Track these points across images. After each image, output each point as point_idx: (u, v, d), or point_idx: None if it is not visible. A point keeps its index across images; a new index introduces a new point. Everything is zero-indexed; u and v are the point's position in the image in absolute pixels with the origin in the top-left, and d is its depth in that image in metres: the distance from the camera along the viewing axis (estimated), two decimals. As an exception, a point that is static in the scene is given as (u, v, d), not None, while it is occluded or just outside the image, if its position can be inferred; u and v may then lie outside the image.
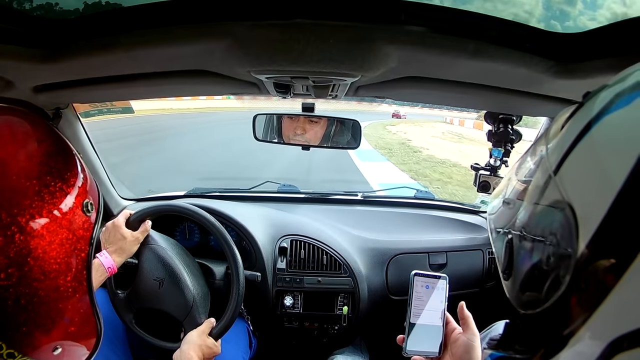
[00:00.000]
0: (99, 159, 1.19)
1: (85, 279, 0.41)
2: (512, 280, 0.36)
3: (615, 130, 0.27)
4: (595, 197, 0.26)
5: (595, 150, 0.28)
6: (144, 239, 0.95)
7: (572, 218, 0.27)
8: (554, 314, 0.28)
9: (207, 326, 0.91)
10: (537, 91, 0.68)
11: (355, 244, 1.21)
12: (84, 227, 0.40)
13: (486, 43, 0.53)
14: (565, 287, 0.27)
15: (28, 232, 0.34)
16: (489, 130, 1.09)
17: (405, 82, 0.70)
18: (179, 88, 0.84)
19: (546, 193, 0.32)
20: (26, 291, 0.35)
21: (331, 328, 1.17)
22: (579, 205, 0.27)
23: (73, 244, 0.39)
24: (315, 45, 0.54)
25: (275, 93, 0.77)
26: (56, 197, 0.37)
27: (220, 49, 0.56)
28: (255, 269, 1.11)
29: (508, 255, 0.37)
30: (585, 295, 0.25)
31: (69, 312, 0.39)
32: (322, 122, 1.05)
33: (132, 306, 0.96)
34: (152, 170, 5.68)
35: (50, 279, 0.37)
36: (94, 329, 0.44)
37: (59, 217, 0.37)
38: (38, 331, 0.36)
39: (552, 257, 0.29)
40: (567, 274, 0.26)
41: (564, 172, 0.30)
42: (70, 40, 0.55)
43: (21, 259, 0.34)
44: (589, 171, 0.28)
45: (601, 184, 0.26)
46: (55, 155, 0.39)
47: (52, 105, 0.90)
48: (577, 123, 0.31)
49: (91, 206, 0.41)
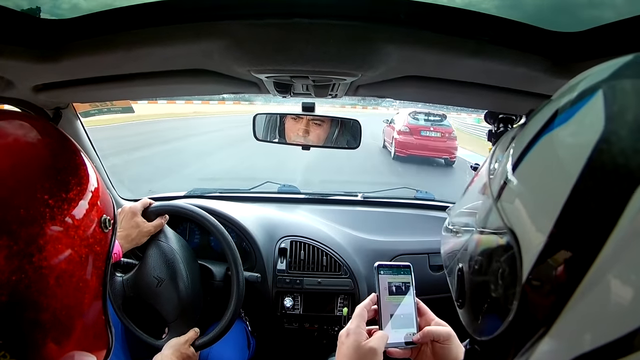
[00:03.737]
0: (99, 159, 1.19)
1: (101, 295, 0.40)
2: (466, 309, 0.36)
3: (555, 149, 0.26)
4: (536, 221, 0.25)
5: (535, 170, 0.27)
6: (155, 233, 0.94)
7: (514, 244, 0.26)
8: (507, 340, 0.28)
9: (192, 335, 0.91)
10: (537, 90, 0.67)
11: (356, 245, 1.21)
12: (101, 243, 0.39)
13: (485, 42, 0.53)
14: (514, 313, 0.26)
15: (45, 250, 0.33)
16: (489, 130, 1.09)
17: (405, 82, 0.70)
18: (179, 88, 0.84)
19: (490, 219, 0.31)
20: (42, 307, 0.34)
21: (331, 329, 1.17)
22: (520, 230, 0.26)
23: (91, 261, 0.38)
24: (315, 44, 0.54)
25: (275, 92, 0.77)
26: (72, 211, 0.36)
27: (219, 49, 0.56)
28: (255, 270, 1.11)
29: (460, 284, 0.36)
30: (534, 320, 0.25)
31: (82, 327, 0.38)
32: (326, 125, 1.05)
33: (124, 292, 0.95)
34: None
35: (68, 296, 0.36)
36: (106, 343, 0.43)
37: (74, 234, 0.36)
38: (49, 345, 0.35)
39: (499, 284, 0.28)
40: (514, 300, 0.26)
41: (505, 197, 0.29)
42: (70, 39, 0.55)
43: (38, 276, 0.33)
44: (528, 195, 0.27)
45: (540, 208, 0.25)
46: (67, 168, 0.37)
47: (52, 105, 0.91)
48: (520, 143, 0.30)
49: (109, 222, 0.40)
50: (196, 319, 0.96)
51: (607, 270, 0.21)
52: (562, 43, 0.53)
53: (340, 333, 0.57)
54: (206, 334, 0.94)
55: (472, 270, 0.34)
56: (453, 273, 0.39)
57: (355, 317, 0.57)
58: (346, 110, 15.35)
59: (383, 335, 0.55)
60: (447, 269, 0.43)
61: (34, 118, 0.40)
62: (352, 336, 0.54)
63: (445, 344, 0.55)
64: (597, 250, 0.21)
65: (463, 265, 0.36)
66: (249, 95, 1.15)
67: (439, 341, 0.56)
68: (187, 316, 0.92)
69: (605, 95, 0.24)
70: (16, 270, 0.32)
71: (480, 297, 0.32)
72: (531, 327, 0.25)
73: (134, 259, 0.99)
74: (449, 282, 0.42)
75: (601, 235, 0.21)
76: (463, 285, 0.36)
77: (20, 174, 0.34)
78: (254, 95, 1.09)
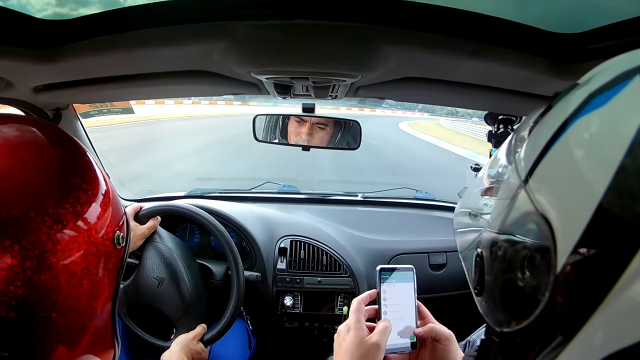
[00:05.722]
0: (99, 160, 1.19)
1: (112, 300, 0.40)
2: (485, 297, 0.33)
3: (593, 132, 0.25)
4: (573, 207, 0.24)
5: (571, 154, 0.25)
6: (150, 235, 0.95)
7: (547, 231, 0.25)
8: (533, 333, 0.26)
9: (199, 331, 0.91)
10: (538, 92, 0.67)
11: (356, 244, 1.21)
12: (113, 258, 0.38)
13: (486, 43, 0.53)
14: (544, 304, 0.25)
15: (57, 265, 0.32)
16: (489, 131, 1.09)
17: (405, 83, 0.70)
18: (179, 88, 0.84)
19: (517, 204, 0.29)
20: (49, 324, 0.33)
21: (331, 328, 1.17)
22: (555, 216, 0.25)
23: (102, 277, 0.37)
24: (315, 45, 0.54)
25: (275, 94, 0.77)
26: (84, 224, 0.35)
27: (219, 50, 0.56)
28: (255, 269, 1.11)
29: (479, 271, 0.34)
30: (567, 313, 0.23)
31: (90, 335, 0.38)
32: (329, 128, 1.06)
33: (128, 299, 0.96)
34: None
35: (79, 306, 0.35)
36: (112, 347, 0.43)
37: (87, 249, 0.35)
38: (57, 352, 0.35)
39: (528, 272, 0.27)
40: (546, 291, 0.24)
41: (535, 181, 0.27)
42: (70, 40, 0.55)
43: (49, 291, 0.32)
44: (564, 178, 0.25)
45: (580, 192, 0.23)
46: (81, 183, 0.36)
47: (52, 105, 0.91)
48: (548, 126, 0.28)
49: (122, 239, 0.39)
50: (202, 315, 0.96)
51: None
52: (563, 44, 0.53)
53: (339, 329, 0.55)
54: (209, 331, 0.94)
55: (495, 256, 0.31)
56: (470, 259, 0.36)
57: (354, 312, 0.55)
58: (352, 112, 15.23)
59: (385, 328, 0.53)
60: (462, 254, 0.40)
61: (47, 126, 0.39)
62: (353, 331, 0.52)
63: (445, 345, 0.55)
64: (637, 248, 0.19)
65: (483, 251, 0.34)
66: (242, 96, 1.14)
67: (440, 341, 0.55)
68: (192, 313, 0.93)
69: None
70: (26, 285, 0.31)
71: (504, 285, 0.30)
72: (564, 321, 0.23)
73: (134, 259, 1.00)
74: (465, 267, 0.39)
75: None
76: (482, 271, 0.33)
77: (33, 187, 0.33)
78: (247, 96, 1.08)
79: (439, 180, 4.47)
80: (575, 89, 0.28)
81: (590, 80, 0.28)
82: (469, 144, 10.02)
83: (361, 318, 0.54)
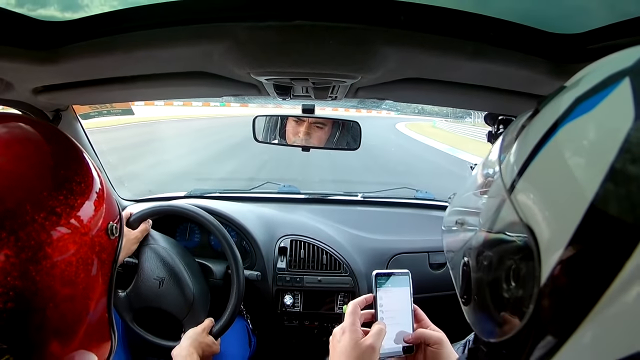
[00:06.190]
0: (99, 160, 1.19)
1: (106, 293, 0.41)
2: (472, 307, 0.33)
3: (581, 138, 0.24)
4: (558, 218, 0.23)
5: (559, 160, 0.24)
6: (144, 238, 0.95)
7: (532, 242, 0.24)
8: (518, 345, 0.26)
9: (207, 324, 0.92)
10: (538, 92, 0.67)
11: (355, 244, 1.22)
12: (108, 249, 0.39)
13: (485, 44, 0.53)
14: (529, 317, 0.24)
15: (52, 256, 0.33)
16: (489, 132, 1.09)
17: (405, 84, 0.70)
18: (179, 90, 0.84)
19: (502, 212, 0.28)
20: (46, 314, 0.33)
21: (331, 327, 1.17)
22: (539, 227, 0.24)
23: (97, 268, 0.38)
24: (315, 46, 0.54)
25: (275, 95, 0.77)
26: (79, 215, 0.35)
27: (219, 51, 0.56)
28: (255, 268, 1.11)
29: (465, 280, 0.33)
30: (553, 326, 0.23)
31: (86, 327, 0.38)
32: (327, 127, 1.05)
33: (132, 305, 0.96)
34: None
35: (75, 300, 0.36)
36: (108, 340, 0.44)
37: (81, 240, 0.36)
38: (53, 345, 0.35)
39: (513, 284, 0.26)
40: (530, 304, 0.24)
41: (520, 190, 0.27)
42: (70, 41, 0.55)
43: (46, 281, 0.33)
44: (553, 182, 0.24)
45: (564, 203, 0.23)
46: (73, 175, 0.37)
47: (52, 107, 0.90)
48: (535, 131, 0.27)
49: (115, 229, 0.40)
50: (207, 308, 0.96)
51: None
52: (563, 44, 0.53)
53: (334, 331, 0.55)
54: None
55: (481, 266, 0.31)
56: (457, 267, 0.36)
57: (350, 315, 0.55)
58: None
59: (380, 330, 0.53)
60: (451, 262, 0.39)
61: (41, 123, 0.40)
62: (348, 334, 0.52)
63: (436, 349, 0.55)
64: (631, 251, 0.19)
65: (469, 260, 0.33)
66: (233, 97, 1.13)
67: (431, 345, 0.55)
68: (197, 308, 0.93)
69: (633, 83, 0.22)
70: (22, 276, 0.31)
71: (490, 296, 0.30)
72: (550, 332, 0.23)
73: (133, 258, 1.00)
74: (452, 275, 0.38)
75: (635, 234, 0.19)
76: (469, 281, 0.33)
77: (28, 181, 0.34)
78: (241, 97, 1.08)
79: (435, 178, 4.48)
80: (563, 92, 0.28)
81: (578, 83, 0.27)
82: (458, 142, 10.09)
83: (356, 321, 0.54)
